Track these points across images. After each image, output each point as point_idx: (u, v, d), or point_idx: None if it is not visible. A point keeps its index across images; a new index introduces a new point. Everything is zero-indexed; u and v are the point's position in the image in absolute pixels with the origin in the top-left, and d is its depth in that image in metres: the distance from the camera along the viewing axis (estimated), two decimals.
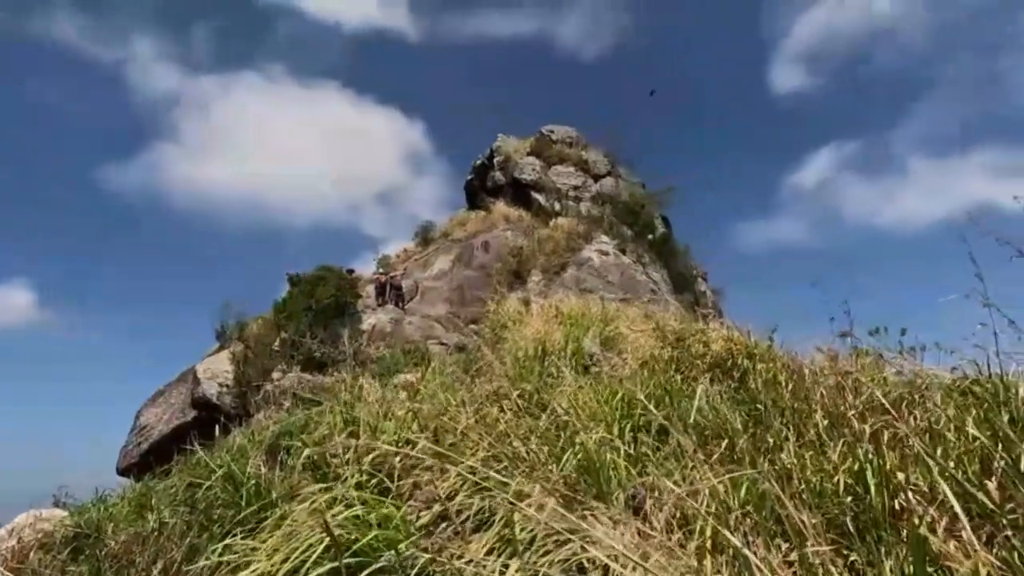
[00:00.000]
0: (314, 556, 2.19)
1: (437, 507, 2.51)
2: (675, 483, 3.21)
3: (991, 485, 2.01)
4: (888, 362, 6.55)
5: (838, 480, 2.69)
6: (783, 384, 4.91)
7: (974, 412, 3.27)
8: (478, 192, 22.79)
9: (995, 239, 3.45)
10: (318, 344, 10.63)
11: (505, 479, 2.55)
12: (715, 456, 3.34)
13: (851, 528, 2.47)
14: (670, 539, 2.51)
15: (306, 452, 3.41)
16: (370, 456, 2.94)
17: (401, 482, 2.79)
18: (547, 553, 2.17)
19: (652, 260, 19.52)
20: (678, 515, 2.83)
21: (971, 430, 2.47)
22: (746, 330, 6.30)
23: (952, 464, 2.53)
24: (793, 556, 2.23)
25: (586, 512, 2.71)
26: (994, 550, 1.85)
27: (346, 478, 2.88)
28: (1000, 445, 2.43)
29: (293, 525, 2.66)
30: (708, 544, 2.25)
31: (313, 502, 2.69)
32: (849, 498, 2.41)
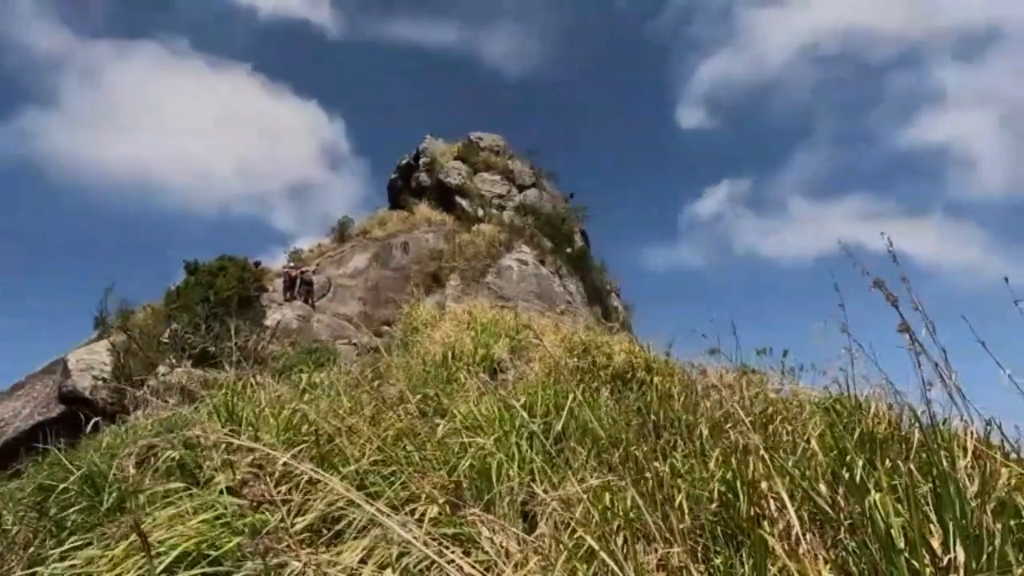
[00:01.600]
0: (164, 564, 2.00)
1: (312, 515, 2.39)
2: (566, 490, 3.28)
3: (824, 489, 2.21)
4: (770, 379, 7.11)
5: (713, 488, 2.86)
6: (676, 397, 5.19)
7: (829, 428, 3.62)
8: (401, 192, 22.39)
9: (863, 272, 3.86)
10: (213, 338, 9.89)
11: (382, 485, 2.47)
12: (607, 463, 3.45)
13: (719, 532, 2.64)
14: (557, 545, 2.55)
15: (174, 454, 3.13)
16: (248, 459, 2.75)
17: (279, 488, 2.63)
18: (426, 558, 2.12)
19: (569, 272, 20.06)
20: (566, 521, 2.88)
21: (813, 443, 2.71)
22: (647, 344, 6.61)
23: (809, 474, 2.77)
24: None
25: (472, 517, 2.69)
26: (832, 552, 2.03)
27: (218, 481, 2.66)
28: (847, 458, 2.70)
29: (152, 533, 2.42)
30: (586, 549, 2.31)
31: (177, 507, 2.47)
32: (714, 504, 2.56)
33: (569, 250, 20.98)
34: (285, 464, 2.94)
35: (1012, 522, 1.94)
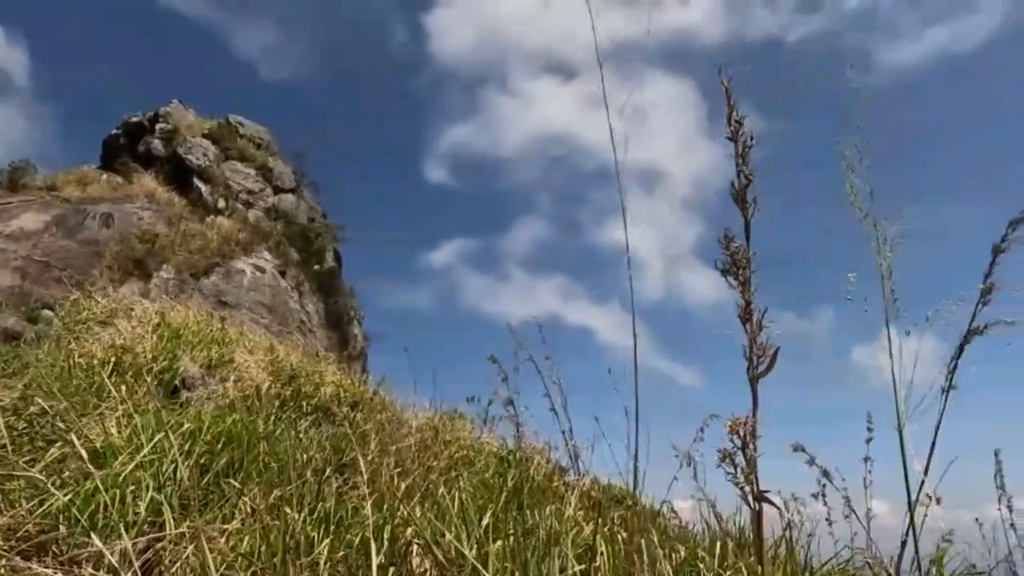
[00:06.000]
0: None
1: None
2: (217, 529, 2.88)
3: (449, 537, 2.39)
4: (474, 426, 7.62)
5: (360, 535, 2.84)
6: (373, 435, 5.16)
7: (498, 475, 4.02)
8: (120, 153, 18.42)
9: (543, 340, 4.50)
10: None
11: None
12: (268, 502, 3.16)
13: None
14: None
15: None
16: None
17: None
18: None
19: (313, 291, 18.91)
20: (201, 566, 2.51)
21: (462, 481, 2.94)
22: (361, 378, 6.50)
23: (449, 520, 2.98)
24: None
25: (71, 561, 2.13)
26: None
27: None
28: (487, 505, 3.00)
29: None
30: None
31: None
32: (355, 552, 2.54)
33: (318, 267, 19.87)
34: None
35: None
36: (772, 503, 1.43)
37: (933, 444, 1.50)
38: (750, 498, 1.24)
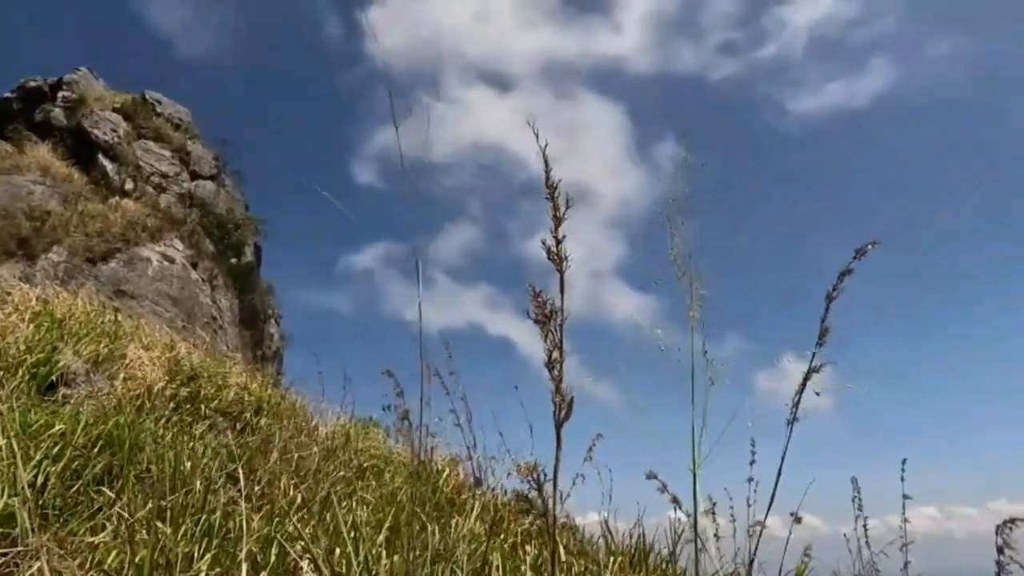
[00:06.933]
0: None
1: None
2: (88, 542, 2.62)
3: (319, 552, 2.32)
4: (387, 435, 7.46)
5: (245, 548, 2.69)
6: (276, 441, 4.91)
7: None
8: (14, 120, 16.64)
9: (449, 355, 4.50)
10: None
11: None
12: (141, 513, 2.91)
13: None
14: None
15: None
16: None
17: None
18: None
19: (228, 285, 17.82)
20: None
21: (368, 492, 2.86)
22: (270, 380, 6.18)
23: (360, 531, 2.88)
24: None
25: None
26: None
27: None
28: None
29: None
30: None
31: None
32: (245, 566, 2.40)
33: (235, 260, 18.78)
34: None
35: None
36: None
37: (779, 470, 1.64)
38: (548, 529, 1.35)
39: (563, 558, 2.38)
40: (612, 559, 2.85)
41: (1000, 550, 1.05)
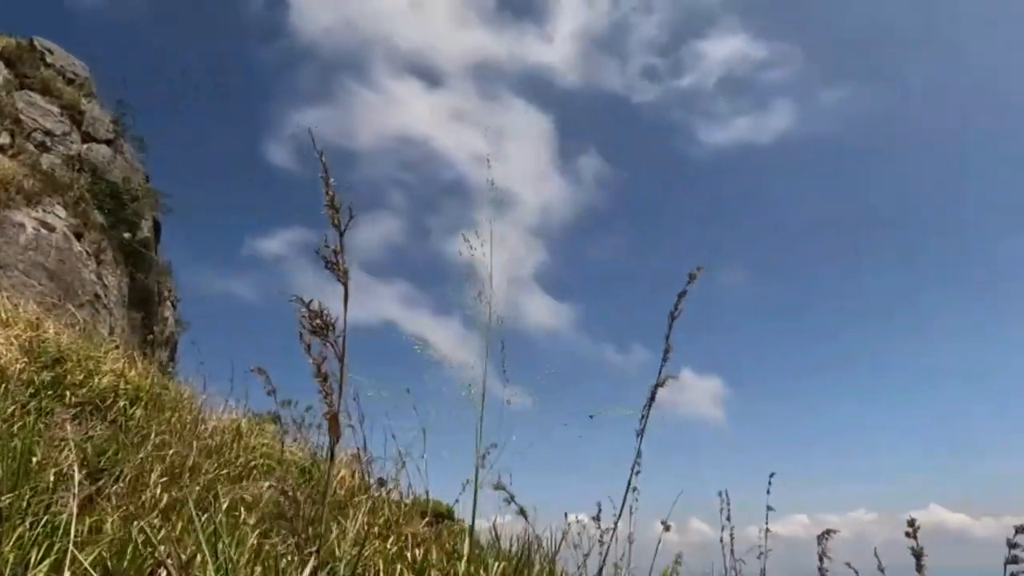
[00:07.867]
0: None
1: None
2: None
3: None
4: (287, 431, 7.09)
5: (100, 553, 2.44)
6: (153, 435, 4.51)
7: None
8: None
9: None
10: None
11: None
12: None
13: None
14: None
15: None
16: None
17: None
18: None
19: (117, 262, 16.24)
20: None
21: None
22: (157, 367, 5.68)
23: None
24: None
25: None
26: None
27: None
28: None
29: None
30: None
31: None
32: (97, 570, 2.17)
33: (129, 235, 17.16)
34: None
35: None
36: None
37: (631, 475, 1.74)
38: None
39: (434, 559, 2.36)
40: (497, 564, 2.87)
41: (820, 557, 1.17)
